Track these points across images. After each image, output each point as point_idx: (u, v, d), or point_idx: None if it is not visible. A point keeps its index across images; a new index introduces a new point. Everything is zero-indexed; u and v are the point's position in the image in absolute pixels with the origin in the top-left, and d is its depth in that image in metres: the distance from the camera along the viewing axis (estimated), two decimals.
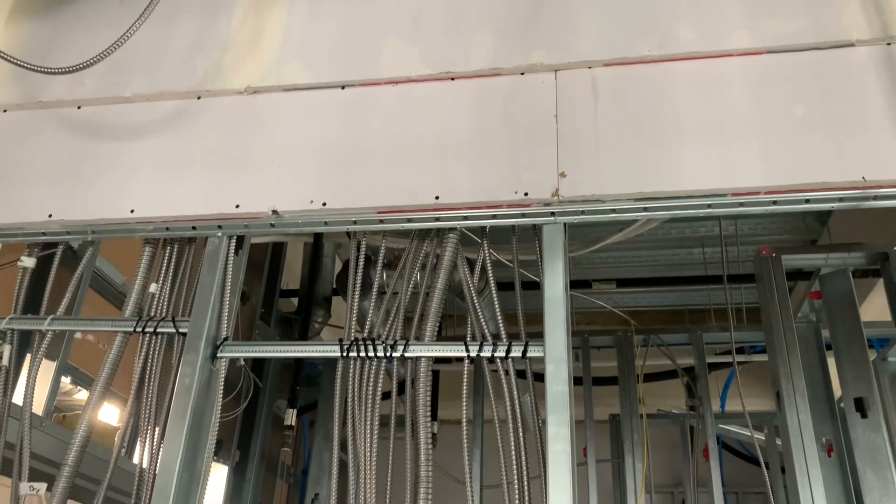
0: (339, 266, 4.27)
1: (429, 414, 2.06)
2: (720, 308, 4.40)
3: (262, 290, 3.97)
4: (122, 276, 3.19)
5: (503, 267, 2.36)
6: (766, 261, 3.09)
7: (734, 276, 3.88)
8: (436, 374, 4.58)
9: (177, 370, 2.12)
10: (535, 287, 2.10)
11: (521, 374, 2.12)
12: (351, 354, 2.08)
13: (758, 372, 4.53)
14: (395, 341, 2.08)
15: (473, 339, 2.09)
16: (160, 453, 2.02)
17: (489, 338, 2.08)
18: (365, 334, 2.16)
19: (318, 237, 3.73)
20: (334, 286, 4.09)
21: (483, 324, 2.13)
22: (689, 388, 3.92)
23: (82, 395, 4.11)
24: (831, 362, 3.23)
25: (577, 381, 3.84)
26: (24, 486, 2.09)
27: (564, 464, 1.82)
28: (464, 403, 2.13)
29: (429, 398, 2.08)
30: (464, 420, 2.11)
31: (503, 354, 2.03)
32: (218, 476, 3.73)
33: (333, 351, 2.09)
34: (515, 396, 2.06)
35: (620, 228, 3.50)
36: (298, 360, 3.65)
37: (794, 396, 2.89)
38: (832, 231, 4.23)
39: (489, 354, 2.04)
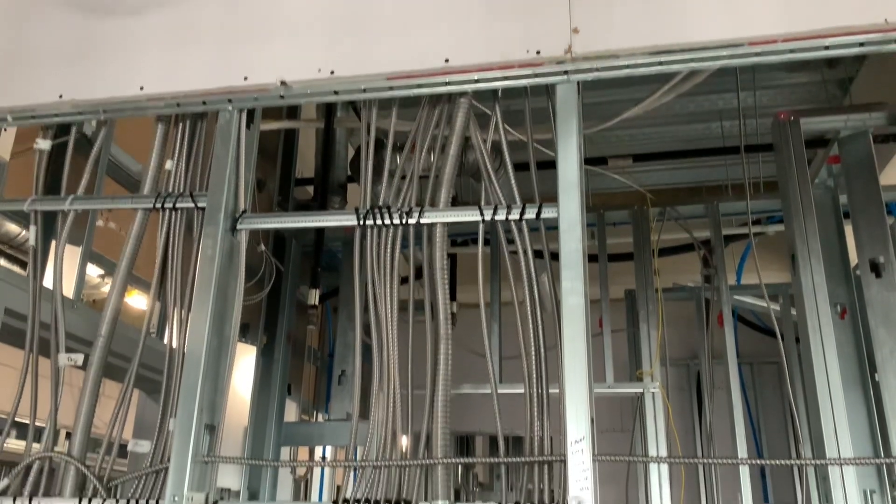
0: (352, 153, 4.26)
1: (446, 276, 2.10)
2: (738, 184, 4.35)
3: (277, 178, 3.98)
4: (138, 164, 3.21)
5: (517, 150, 2.33)
6: (784, 125, 3.04)
7: (752, 147, 3.83)
8: (453, 259, 4.65)
9: (198, 250, 2.16)
10: (550, 166, 2.08)
11: (538, 254, 2.13)
12: (367, 223, 2.11)
13: (774, 246, 4.54)
14: (411, 208, 2.10)
15: (488, 203, 2.11)
16: (189, 323, 2.08)
17: (503, 202, 2.09)
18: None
19: (328, 124, 3.70)
20: (349, 173, 4.09)
21: (497, 190, 2.13)
22: (706, 260, 3.95)
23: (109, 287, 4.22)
24: (848, 230, 3.23)
25: (592, 258, 3.88)
26: (63, 358, 2.19)
27: (578, 317, 1.86)
28: (479, 268, 2.17)
29: (445, 263, 2.12)
30: (480, 283, 2.16)
31: (517, 217, 2.05)
32: (247, 358, 3.87)
33: (350, 220, 2.12)
34: (532, 270, 2.08)
35: (636, 102, 3.44)
36: (318, 245, 3.70)
37: (808, 259, 2.91)
38: (854, 98, 4.13)
39: (503, 217, 2.05)
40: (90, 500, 2.00)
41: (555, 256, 2.00)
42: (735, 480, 3.43)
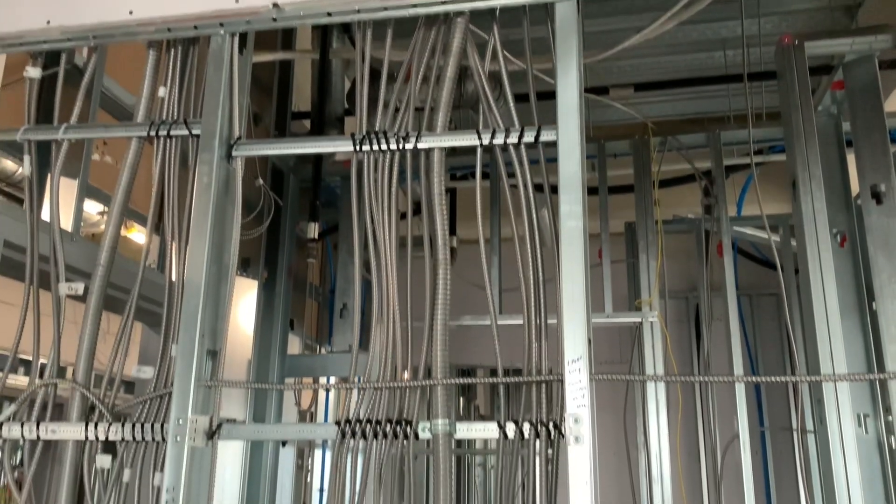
0: (348, 87, 4.20)
1: (444, 202, 2.09)
2: (740, 115, 4.30)
3: (273, 112, 3.93)
4: (131, 97, 3.16)
5: (517, 83, 2.27)
6: (788, 49, 2.98)
7: (755, 75, 3.77)
8: (452, 195, 4.63)
9: (194, 182, 2.14)
10: (551, 97, 2.03)
11: (538, 188, 2.11)
12: (364, 148, 2.09)
13: (776, 177, 4.52)
14: (408, 133, 2.08)
15: (486, 126, 2.08)
16: (187, 251, 2.08)
17: (501, 126, 2.07)
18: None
19: (324, 53, 3.63)
20: (346, 107, 4.04)
21: (496, 116, 2.10)
22: (706, 190, 3.93)
23: (107, 217, 4.22)
24: (851, 160, 3.20)
25: (592, 191, 3.87)
26: (63, 287, 2.20)
27: (577, 240, 1.86)
28: (478, 195, 2.16)
29: (443, 189, 2.10)
30: (478, 211, 2.14)
31: (516, 140, 2.02)
32: (249, 294, 3.90)
33: (346, 145, 2.10)
34: (531, 198, 2.06)
35: (639, 31, 3.37)
36: (316, 178, 3.69)
37: (809, 185, 2.89)
38: (861, 24, 4.04)
39: (502, 141, 2.03)
40: (96, 425, 2.04)
41: (554, 190, 1.98)
42: (731, 406, 3.49)
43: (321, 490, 4.39)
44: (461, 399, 6.78)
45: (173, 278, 2.17)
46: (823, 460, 2.85)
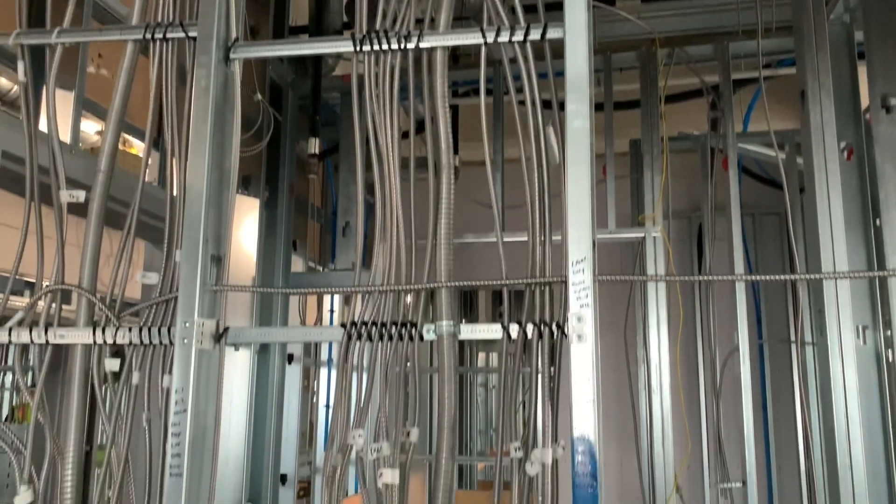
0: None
1: (447, 104, 2.05)
2: (750, 29, 4.19)
3: (271, 26, 3.82)
4: (125, 8, 3.08)
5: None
6: None
7: None
8: (455, 114, 4.56)
9: (191, 94, 2.08)
10: (557, 7, 1.96)
11: (546, 105, 2.06)
12: (364, 48, 2.04)
13: (783, 95, 4.43)
14: (409, 32, 2.02)
15: (490, 23, 2.03)
16: (188, 156, 2.04)
17: (507, 24, 2.01)
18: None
19: None
20: (345, 20, 3.94)
21: (501, 12, 2.04)
22: (713, 104, 3.87)
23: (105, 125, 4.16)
24: (862, 73, 3.13)
25: (598, 107, 3.80)
26: (64, 194, 2.18)
27: (583, 140, 1.84)
28: (482, 95, 2.12)
29: (446, 90, 2.06)
30: (482, 112, 2.11)
31: (521, 38, 1.97)
32: (251, 215, 3.88)
33: (346, 45, 2.05)
34: (538, 104, 2.02)
35: None
36: (315, 92, 3.62)
37: (819, 95, 2.84)
38: None
39: (507, 39, 1.98)
40: (104, 329, 2.06)
41: (561, 107, 1.94)
42: (731, 319, 3.52)
43: (327, 406, 4.49)
44: (463, 320, 6.86)
45: (174, 193, 2.15)
46: (822, 372, 2.89)
